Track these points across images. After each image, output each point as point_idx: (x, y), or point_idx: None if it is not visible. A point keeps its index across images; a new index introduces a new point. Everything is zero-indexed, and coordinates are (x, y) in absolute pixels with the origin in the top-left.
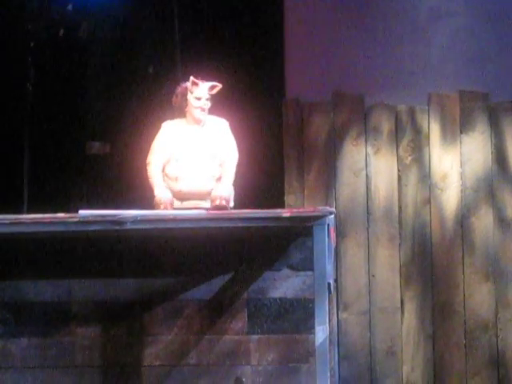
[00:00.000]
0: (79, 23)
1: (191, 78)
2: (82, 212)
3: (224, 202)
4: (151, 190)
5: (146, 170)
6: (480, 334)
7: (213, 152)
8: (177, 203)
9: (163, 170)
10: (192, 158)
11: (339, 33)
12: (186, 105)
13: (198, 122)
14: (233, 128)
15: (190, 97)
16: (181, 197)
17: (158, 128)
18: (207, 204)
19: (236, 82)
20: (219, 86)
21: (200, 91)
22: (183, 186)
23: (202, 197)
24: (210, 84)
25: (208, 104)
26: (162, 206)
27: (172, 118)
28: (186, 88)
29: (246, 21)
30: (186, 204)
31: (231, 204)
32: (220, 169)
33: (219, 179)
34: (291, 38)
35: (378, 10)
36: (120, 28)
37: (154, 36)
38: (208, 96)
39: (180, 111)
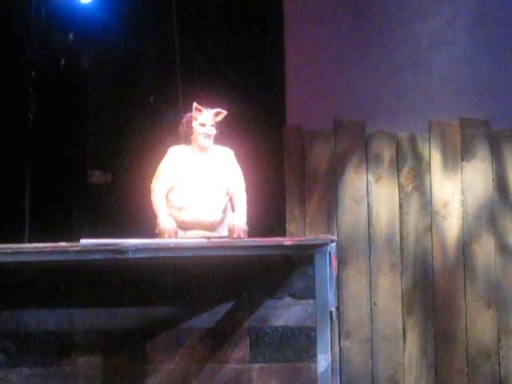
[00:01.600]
0: (81, 53)
1: (194, 104)
2: (84, 241)
3: (242, 234)
4: (154, 216)
5: (149, 195)
6: (482, 361)
7: (219, 183)
8: (180, 233)
9: (167, 197)
10: (197, 187)
11: (340, 61)
12: (192, 133)
13: (203, 149)
14: (235, 156)
15: (194, 124)
16: (184, 226)
17: (163, 154)
18: (211, 234)
19: (237, 110)
20: (224, 112)
21: (204, 117)
22: (187, 217)
23: (205, 227)
24: (214, 110)
25: (213, 130)
26: (166, 235)
27: (178, 143)
28: (191, 116)
29: (248, 49)
30: (190, 234)
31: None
32: (225, 199)
33: (225, 210)
34: (292, 67)
35: (378, 38)
36: (122, 58)
37: (156, 65)
38: (213, 122)
39: (186, 140)
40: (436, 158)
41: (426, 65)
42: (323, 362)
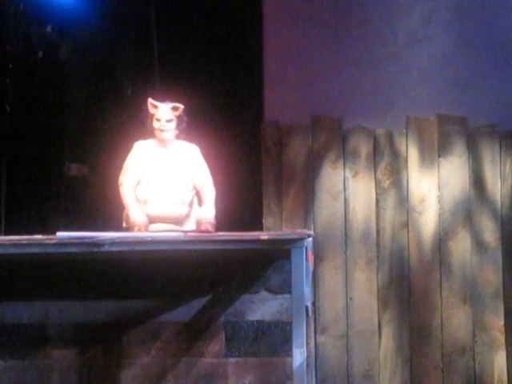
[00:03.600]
0: (58, 45)
1: (149, 100)
2: (60, 234)
3: (209, 227)
4: (121, 210)
5: (118, 190)
6: (457, 357)
7: (184, 176)
8: None
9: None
10: (162, 181)
11: (318, 57)
12: (153, 127)
13: (161, 142)
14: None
15: (153, 119)
16: (149, 220)
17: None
18: (178, 228)
19: (215, 105)
20: (181, 106)
21: (159, 113)
22: (152, 210)
23: (170, 221)
24: (170, 105)
25: (168, 125)
26: (136, 229)
27: (145, 138)
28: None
29: (226, 44)
30: (155, 227)
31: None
32: (190, 193)
33: (191, 204)
34: (270, 62)
35: (356, 34)
36: (98, 50)
37: (133, 58)
38: (170, 117)
39: (151, 135)
40: (413, 154)
41: (404, 61)
42: (298, 356)
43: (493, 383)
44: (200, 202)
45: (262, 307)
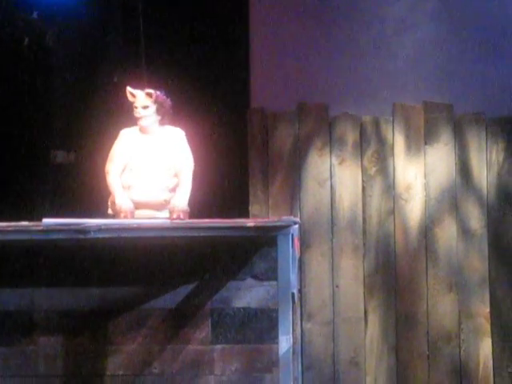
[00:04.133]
0: (44, 31)
1: (128, 88)
2: (46, 220)
3: (181, 215)
4: (106, 197)
5: (105, 178)
6: (443, 344)
7: (167, 162)
8: None
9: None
10: (145, 167)
11: (304, 43)
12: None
13: (142, 129)
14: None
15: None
16: (133, 206)
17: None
18: (161, 214)
19: (201, 91)
20: (153, 92)
21: (136, 100)
22: (135, 196)
23: (154, 207)
24: (144, 92)
25: (143, 112)
26: (122, 215)
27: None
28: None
29: (212, 30)
30: (139, 214)
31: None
32: (174, 179)
33: (174, 190)
34: (256, 48)
35: (343, 21)
36: (85, 37)
37: (119, 45)
38: (145, 104)
39: (136, 122)
40: (399, 142)
41: (391, 48)
42: (285, 343)
43: (478, 370)
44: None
45: (248, 294)
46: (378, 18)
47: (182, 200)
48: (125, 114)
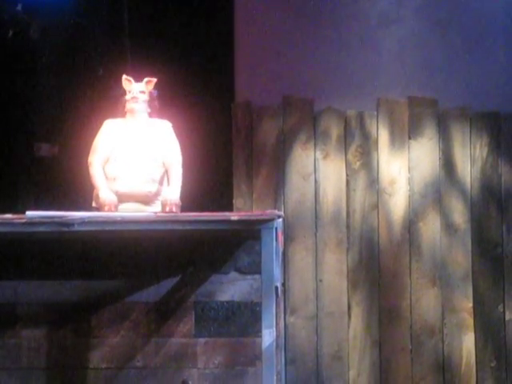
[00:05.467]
0: (28, 23)
1: (124, 76)
2: (30, 213)
3: (174, 208)
4: (91, 190)
5: (87, 170)
6: (426, 338)
7: (154, 153)
8: None
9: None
10: (131, 158)
11: (289, 37)
12: (125, 104)
13: (131, 111)
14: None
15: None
16: (118, 198)
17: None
18: (149, 209)
19: (186, 84)
20: (153, 79)
21: (132, 86)
22: (120, 187)
23: (139, 199)
24: (144, 80)
25: (141, 96)
26: (106, 208)
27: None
28: (123, 92)
29: (197, 23)
30: (125, 206)
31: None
32: (160, 171)
33: (160, 181)
34: (241, 42)
35: (327, 15)
36: (69, 29)
37: (103, 37)
38: (142, 89)
39: (121, 114)
40: (383, 136)
41: (375, 43)
42: (268, 337)
43: (461, 365)
44: (169, 181)
45: (231, 288)
46: (362, 13)
47: (174, 193)
48: (109, 107)
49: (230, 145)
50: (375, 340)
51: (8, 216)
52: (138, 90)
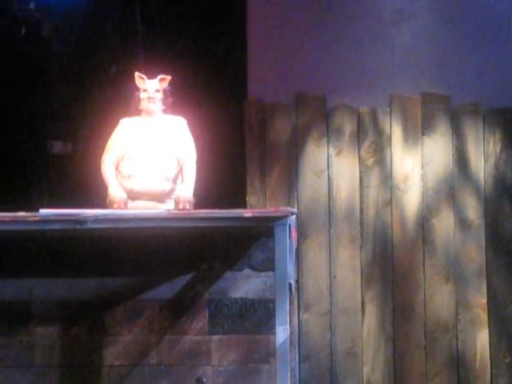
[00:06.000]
0: (41, 21)
1: (136, 73)
2: (43, 211)
3: (187, 205)
4: (105, 188)
5: (100, 168)
6: (440, 335)
7: (168, 151)
8: (129, 203)
9: (118, 168)
10: (146, 156)
11: (302, 34)
12: (140, 103)
13: (147, 112)
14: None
15: (140, 93)
16: (132, 196)
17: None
18: (163, 206)
19: (199, 82)
20: (167, 77)
21: (146, 84)
22: (135, 185)
23: (153, 197)
24: (158, 77)
25: (157, 95)
26: (115, 205)
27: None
28: (136, 88)
29: (209, 21)
30: (138, 204)
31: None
32: (175, 169)
33: (175, 180)
34: (254, 39)
35: (340, 11)
36: (82, 26)
37: (117, 34)
38: (157, 88)
39: (136, 112)
40: (397, 132)
41: (388, 39)
42: (282, 333)
43: (475, 361)
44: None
45: (245, 285)
46: (375, 9)
47: (187, 190)
48: (123, 104)
49: (243, 142)
50: (389, 336)
51: (22, 214)
52: (153, 89)
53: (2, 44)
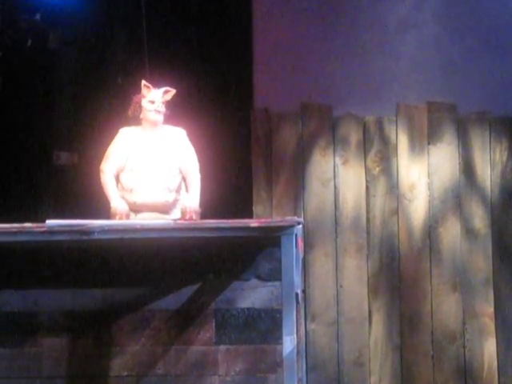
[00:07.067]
0: (47, 33)
1: (143, 81)
2: (50, 222)
3: (194, 216)
4: (106, 198)
5: (99, 177)
6: (447, 344)
7: (170, 162)
8: (131, 215)
9: (118, 179)
10: (147, 168)
11: (308, 44)
12: (141, 112)
13: (153, 124)
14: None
15: (143, 102)
16: (135, 208)
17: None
18: (163, 216)
19: (205, 92)
20: (172, 90)
21: (153, 95)
22: (138, 198)
23: (157, 209)
24: (163, 89)
25: (162, 107)
26: (117, 217)
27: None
28: (140, 96)
29: (216, 31)
30: (143, 216)
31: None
32: (177, 179)
33: (178, 190)
34: (260, 49)
35: (346, 21)
36: (88, 39)
37: (122, 47)
38: (162, 100)
39: (135, 121)
40: (403, 141)
41: (394, 48)
42: (289, 343)
43: (483, 370)
44: (187, 189)
45: (252, 295)
46: (380, 18)
47: (193, 200)
48: (127, 115)
49: (250, 151)
50: (396, 346)
51: (28, 225)
52: (160, 101)
53: (8, 56)
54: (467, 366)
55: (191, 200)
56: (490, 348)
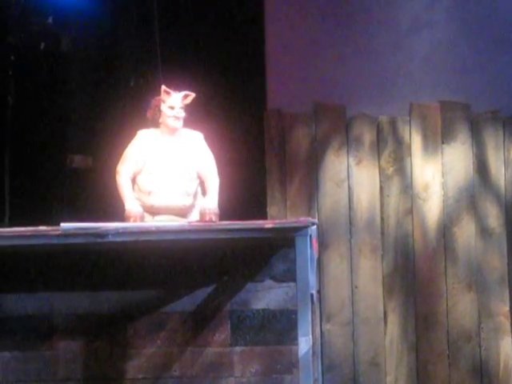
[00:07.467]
0: (61, 36)
1: (163, 87)
2: (64, 225)
3: (213, 217)
4: (120, 201)
5: (115, 178)
6: (463, 344)
7: (187, 167)
8: (148, 218)
9: (135, 181)
10: (166, 172)
11: (321, 44)
12: (160, 115)
13: (172, 130)
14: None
15: (163, 107)
16: (153, 211)
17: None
18: (182, 220)
19: (217, 93)
20: (192, 94)
21: (173, 100)
22: (155, 201)
23: (174, 212)
24: (183, 93)
25: (182, 113)
26: (131, 220)
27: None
28: (160, 100)
29: (228, 33)
30: (159, 219)
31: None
32: (195, 183)
33: (195, 194)
34: (273, 49)
35: (359, 21)
36: (102, 41)
37: (136, 49)
38: (182, 105)
39: (154, 123)
40: (417, 141)
41: (407, 48)
42: (304, 344)
43: (499, 369)
44: (204, 191)
45: (267, 296)
46: (394, 18)
47: (212, 202)
48: (142, 117)
49: (263, 153)
50: (412, 346)
51: (43, 228)
52: (179, 106)
53: (21, 59)
54: (483, 365)
55: (210, 202)
56: (505, 347)
